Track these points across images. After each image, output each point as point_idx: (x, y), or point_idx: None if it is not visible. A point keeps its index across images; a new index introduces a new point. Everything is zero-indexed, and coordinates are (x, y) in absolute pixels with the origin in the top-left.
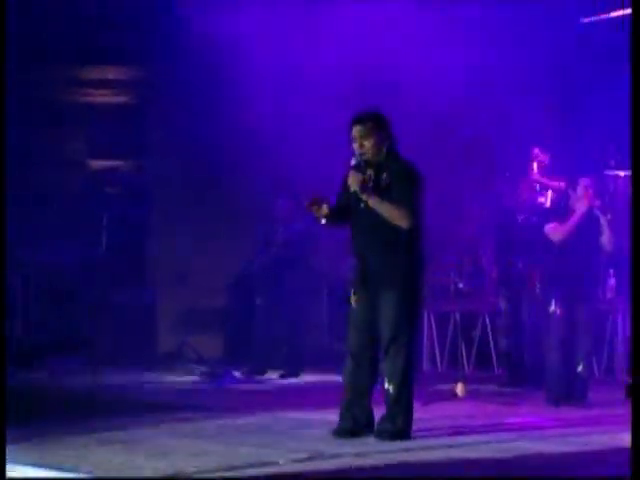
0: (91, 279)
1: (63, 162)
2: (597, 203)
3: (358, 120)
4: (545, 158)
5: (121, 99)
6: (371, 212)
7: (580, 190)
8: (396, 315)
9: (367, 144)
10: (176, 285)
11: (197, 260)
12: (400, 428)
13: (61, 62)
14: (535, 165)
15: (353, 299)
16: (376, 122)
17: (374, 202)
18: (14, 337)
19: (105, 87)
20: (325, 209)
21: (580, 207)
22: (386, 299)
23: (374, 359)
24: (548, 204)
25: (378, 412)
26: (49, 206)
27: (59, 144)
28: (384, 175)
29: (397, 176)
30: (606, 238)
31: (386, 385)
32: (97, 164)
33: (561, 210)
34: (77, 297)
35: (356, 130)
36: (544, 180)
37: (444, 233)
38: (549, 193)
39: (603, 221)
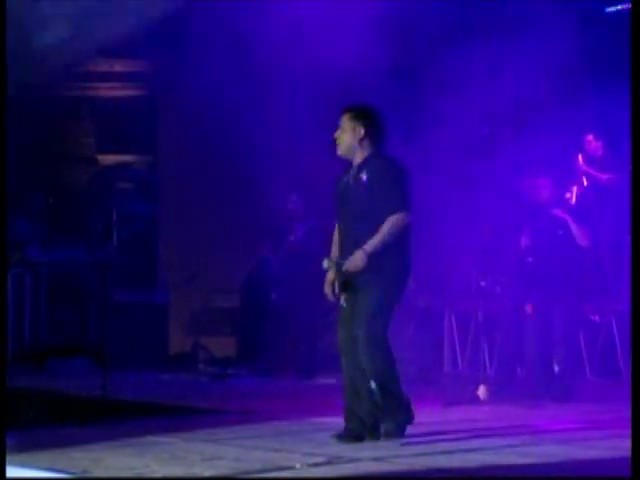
0: (101, 278)
1: (73, 158)
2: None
3: (341, 112)
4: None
5: (131, 93)
6: (356, 212)
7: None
8: (367, 313)
9: (340, 137)
10: (188, 284)
11: (210, 259)
12: (401, 421)
13: (69, 55)
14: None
15: (342, 297)
16: (355, 116)
17: (363, 259)
18: (24, 337)
19: (114, 80)
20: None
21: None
22: (362, 297)
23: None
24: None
25: None
26: (59, 203)
27: (68, 139)
28: (363, 173)
29: (378, 175)
30: (575, 234)
31: (372, 385)
32: (107, 159)
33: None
34: (87, 296)
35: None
36: (591, 171)
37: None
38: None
39: (567, 217)
